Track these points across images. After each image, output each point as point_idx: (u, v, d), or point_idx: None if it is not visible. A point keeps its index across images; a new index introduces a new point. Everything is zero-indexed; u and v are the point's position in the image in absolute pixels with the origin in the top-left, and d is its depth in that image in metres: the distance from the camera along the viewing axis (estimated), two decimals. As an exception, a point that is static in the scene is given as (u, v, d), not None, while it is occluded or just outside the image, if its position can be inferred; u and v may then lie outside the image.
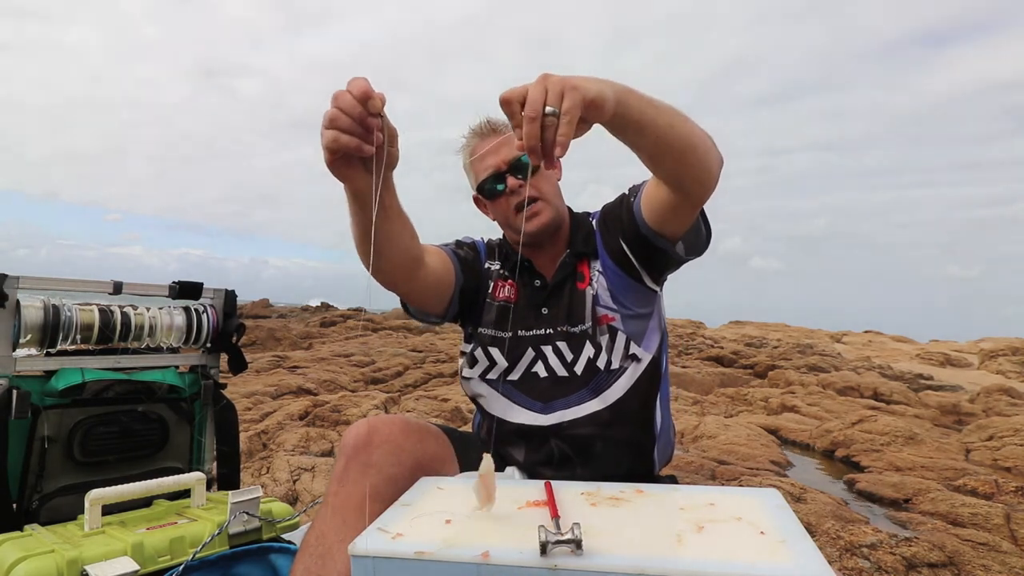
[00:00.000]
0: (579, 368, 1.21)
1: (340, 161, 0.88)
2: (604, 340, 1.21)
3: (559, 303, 1.25)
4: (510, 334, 1.26)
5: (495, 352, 1.26)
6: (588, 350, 1.21)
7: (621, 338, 1.21)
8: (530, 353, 1.24)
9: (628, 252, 1.20)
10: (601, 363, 1.20)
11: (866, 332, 16.81)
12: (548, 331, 1.24)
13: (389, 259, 1.08)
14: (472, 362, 1.29)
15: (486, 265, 1.35)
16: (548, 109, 0.75)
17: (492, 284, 1.32)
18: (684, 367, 8.66)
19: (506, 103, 0.78)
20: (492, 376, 1.27)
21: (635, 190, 1.21)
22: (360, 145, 0.84)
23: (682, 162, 0.98)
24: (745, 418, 5.42)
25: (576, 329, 1.22)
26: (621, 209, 1.23)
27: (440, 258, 1.25)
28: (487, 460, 0.81)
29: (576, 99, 0.76)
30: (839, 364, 9.37)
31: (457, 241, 1.38)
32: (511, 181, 1.22)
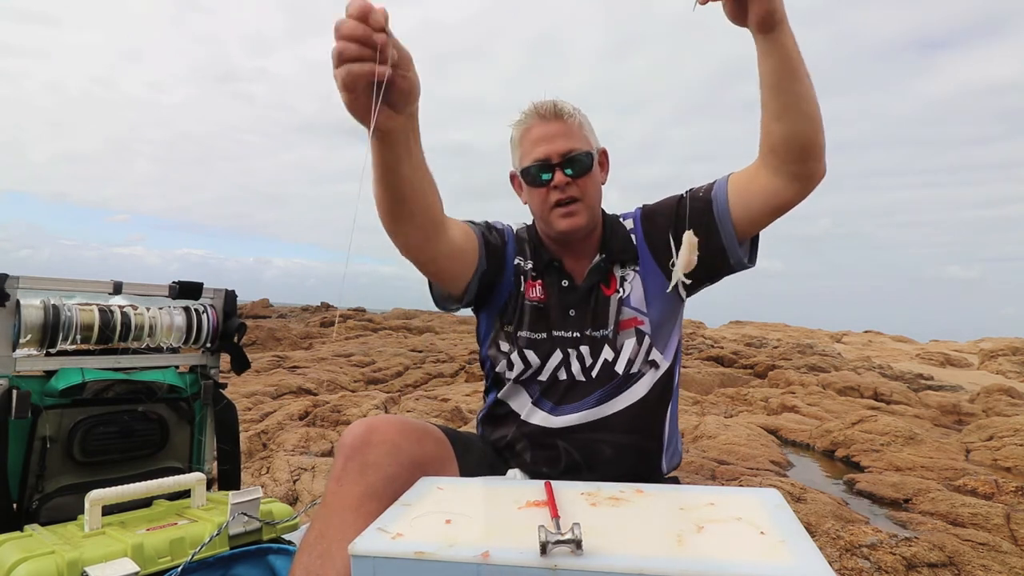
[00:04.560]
0: (595, 372, 1.19)
1: (362, 99, 0.80)
2: (629, 343, 1.19)
3: (586, 306, 1.22)
4: (545, 335, 1.23)
5: (530, 354, 1.23)
6: (607, 353, 1.19)
7: (646, 342, 1.19)
8: (558, 355, 1.22)
9: (673, 248, 1.16)
10: (620, 367, 1.19)
11: (866, 332, 16.81)
12: (575, 334, 1.21)
13: (412, 215, 1.02)
14: (510, 365, 1.25)
15: (515, 261, 1.29)
16: None
17: (524, 283, 1.27)
18: (684, 367, 8.66)
19: None
20: (525, 378, 1.25)
21: (700, 189, 1.18)
22: (374, 68, 0.76)
23: (814, 120, 0.99)
24: (745, 418, 5.42)
25: (598, 334, 1.21)
26: (680, 205, 1.19)
27: (464, 234, 1.20)
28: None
29: None
30: (839, 364, 9.37)
31: (487, 223, 1.30)
32: (558, 176, 1.17)
